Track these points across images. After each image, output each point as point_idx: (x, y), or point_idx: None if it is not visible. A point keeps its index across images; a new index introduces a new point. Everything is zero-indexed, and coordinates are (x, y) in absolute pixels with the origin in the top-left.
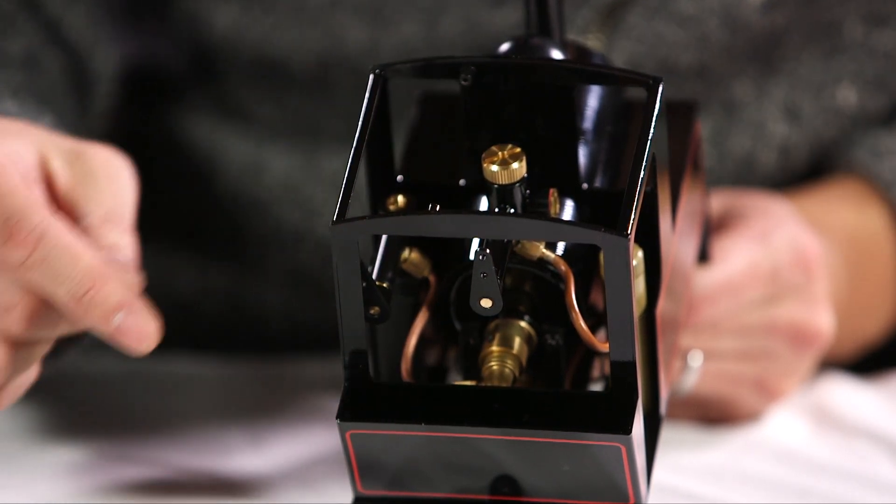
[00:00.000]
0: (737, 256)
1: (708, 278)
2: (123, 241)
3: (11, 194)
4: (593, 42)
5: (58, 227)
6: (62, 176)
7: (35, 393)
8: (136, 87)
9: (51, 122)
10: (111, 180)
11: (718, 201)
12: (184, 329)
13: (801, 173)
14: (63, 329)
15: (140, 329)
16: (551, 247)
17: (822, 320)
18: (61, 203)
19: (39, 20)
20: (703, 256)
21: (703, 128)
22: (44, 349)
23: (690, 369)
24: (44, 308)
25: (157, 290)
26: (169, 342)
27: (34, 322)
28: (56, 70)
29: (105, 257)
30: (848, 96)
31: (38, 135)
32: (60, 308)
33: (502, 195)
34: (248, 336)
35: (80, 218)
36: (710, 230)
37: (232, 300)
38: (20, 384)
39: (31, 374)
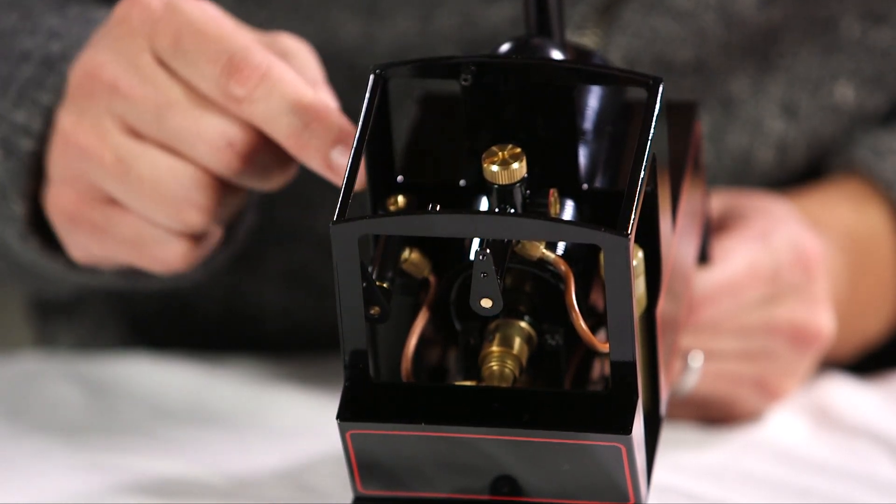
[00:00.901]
0: (737, 257)
1: (708, 279)
2: (332, 101)
3: (234, 34)
4: (590, 38)
5: (280, 65)
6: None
7: (35, 391)
8: None
9: None
10: (307, 58)
11: (719, 201)
12: (181, 325)
13: (798, 171)
14: (266, 182)
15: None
16: (551, 247)
17: (823, 320)
18: None
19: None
20: (704, 257)
21: (701, 124)
22: (237, 206)
23: (691, 369)
24: (257, 152)
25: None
26: (166, 338)
27: (246, 164)
28: None
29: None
30: (845, 94)
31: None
32: (281, 141)
33: (502, 195)
34: (246, 333)
35: None
36: (711, 230)
37: (229, 296)
38: (210, 241)
39: (216, 234)
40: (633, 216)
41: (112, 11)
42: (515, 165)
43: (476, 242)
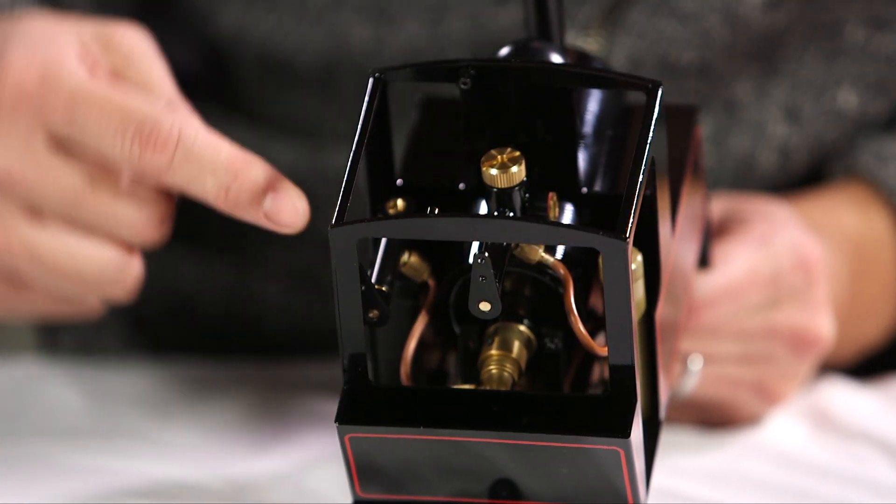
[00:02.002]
0: (738, 261)
1: (709, 283)
2: (198, 122)
3: (126, 97)
4: (594, 39)
5: (190, 122)
6: (103, 62)
7: (36, 395)
8: None
9: None
10: (151, 62)
11: (719, 205)
12: (183, 325)
13: (800, 175)
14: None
15: (291, 206)
16: (550, 250)
17: (823, 325)
18: None
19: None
20: (704, 260)
21: (704, 127)
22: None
23: (690, 373)
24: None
25: (156, 286)
26: (168, 339)
27: (166, 226)
28: None
29: None
30: (848, 99)
31: (71, 23)
32: (209, 202)
33: (501, 199)
34: (247, 334)
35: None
36: (711, 234)
37: (231, 297)
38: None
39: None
40: (631, 220)
41: None
42: (514, 169)
43: (475, 246)
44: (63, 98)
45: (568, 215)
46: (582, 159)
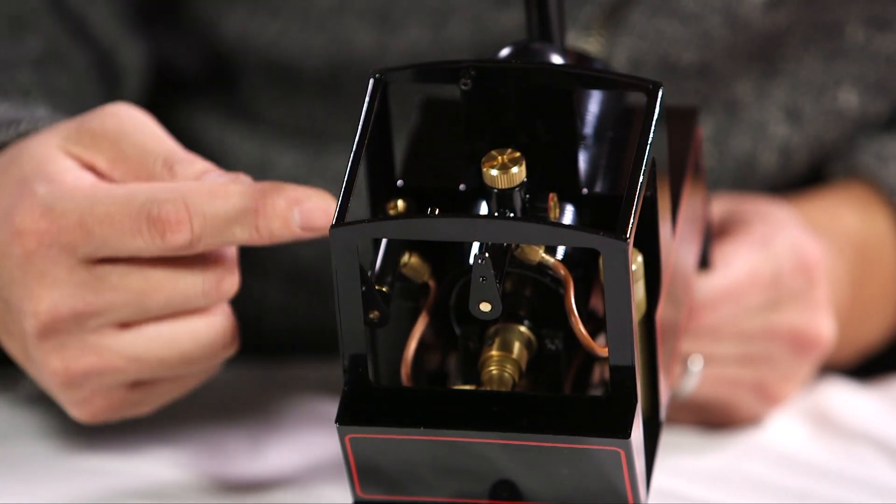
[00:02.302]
0: (738, 262)
1: (709, 284)
2: (201, 164)
3: (116, 192)
4: (595, 39)
5: (188, 186)
6: (97, 158)
7: (36, 398)
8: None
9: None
10: (140, 131)
11: (720, 206)
12: None
13: (801, 175)
14: None
15: (320, 209)
16: (551, 251)
17: (823, 326)
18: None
19: (64, 17)
20: (705, 262)
21: (704, 127)
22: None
23: (690, 373)
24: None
25: None
26: None
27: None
28: (83, 65)
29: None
30: (849, 99)
31: (52, 135)
32: (246, 244)
33: (502, 199)
34: (248, 333)
35: (151, 177)
36: (712, 235)
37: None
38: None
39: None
40: (632, 220)
41: (3, 252)
42: (515, 169)
43: (475, 247)
44: (73, 224)
45: (568, 216)
46: (582, 160)
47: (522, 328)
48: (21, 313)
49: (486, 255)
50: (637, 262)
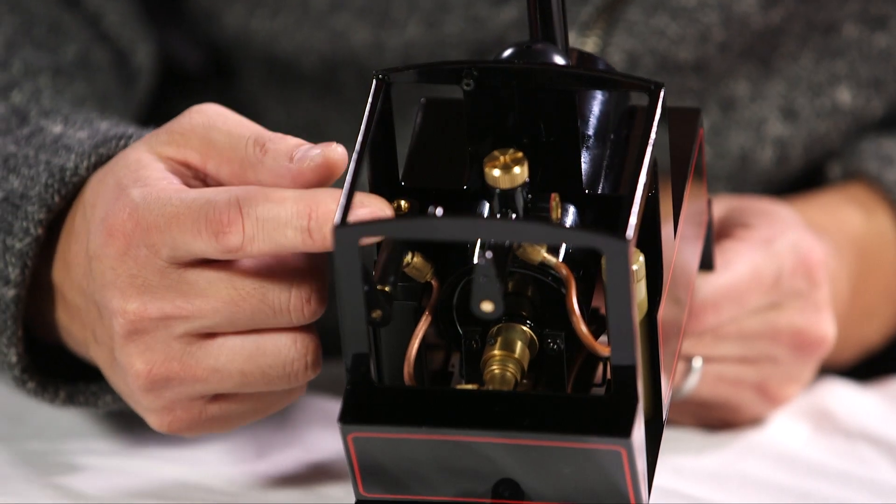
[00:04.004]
0: (740, 263)
1: (711, 285)
2: (292, 139)
3: (180, 194)
4: (592, 37)
5: (245, 189)
6: (191, 155)
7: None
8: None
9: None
10: (224, 123)
11: (721, 207)
12: None
13: (797, 172)
14: None
15: (375, 215)
16: (553, 251)
17: (825, 327)
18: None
19: (83, 17)
20: (706, 262)
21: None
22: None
23: (692, 371)
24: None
25: None
26: None
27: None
28: (105, 66)
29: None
30: (845, 97)
31: (147, 145)
32: (299, 250)
33: (504, 200)
34: None
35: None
36: (714, 236)
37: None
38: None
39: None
40: (633, 220)
41: (98, 254)
42: (517, 170)
43: (478, 246)
44: (153, 225)
45: (570, 216)
46: (585, 160)
47: (525, 328)
48: (111, 313)
49: (489, 255)
50: (639, 261)
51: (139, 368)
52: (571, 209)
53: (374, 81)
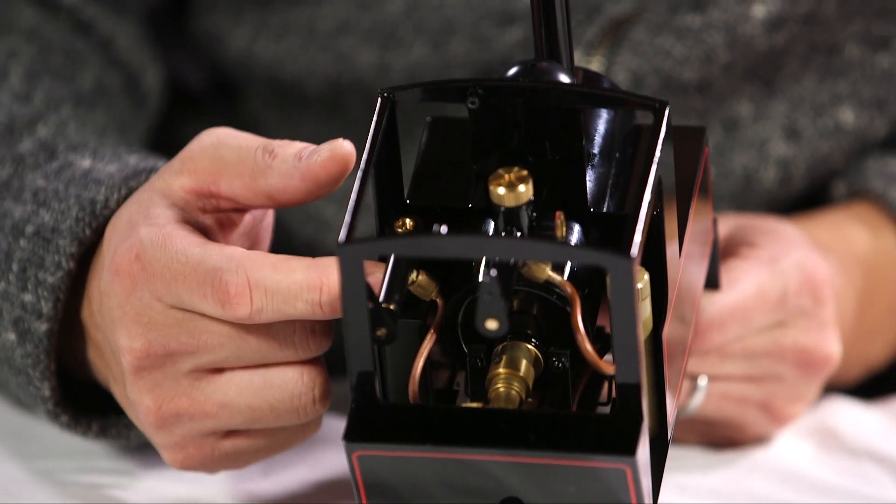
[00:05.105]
0: (746, 282)
1: (717, 304)
2: (298, 143)
3: (189, 250)
4: (597, 56)
5: (253, 258)
6: (202, 178)
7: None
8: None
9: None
10: (229, 144)
11: (727, 225)
12: None
13: (800, 192)
14: None
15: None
16: (558, 269)
17: (831, 345)
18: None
19: (96, 43)
20: (712, 281)
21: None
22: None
23: (698, 390)
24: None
25: None
26: None
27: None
28: (118, 91)
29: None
30: (848, 117)
31: (152, 181)
32: (309, 318)
33: (509, 218)
34: None
35: (254, 170)
36: (719, 255)
37: None
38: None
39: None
40: (638, 238)
41: (107, 290)
42: (522, 188)
43: (483, 264)
44: (157, 274)
45: (575, 234)
46: (590, 179)
47: (529, 346)
48: (119, 350)
49: (494, 273)
50: (643, 280)
51: (148, 405)
52: (576, 227)
53: (379, 100)
